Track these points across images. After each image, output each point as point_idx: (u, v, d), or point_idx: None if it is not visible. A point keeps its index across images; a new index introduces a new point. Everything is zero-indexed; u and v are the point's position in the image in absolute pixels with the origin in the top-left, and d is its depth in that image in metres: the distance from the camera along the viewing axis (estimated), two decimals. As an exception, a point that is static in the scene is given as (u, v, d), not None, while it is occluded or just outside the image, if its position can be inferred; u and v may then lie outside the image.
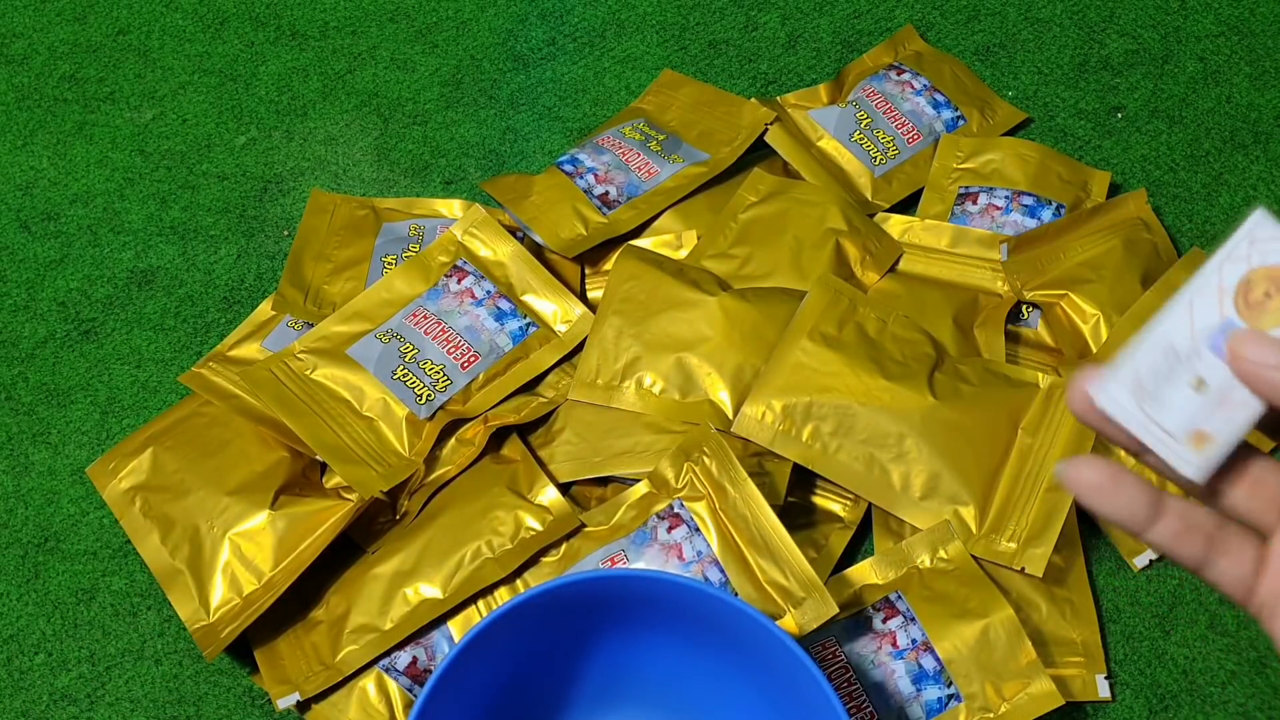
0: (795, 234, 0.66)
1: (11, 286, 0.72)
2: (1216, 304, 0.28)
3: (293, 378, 0.61)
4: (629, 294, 0.63)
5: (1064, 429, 0.57)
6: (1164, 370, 0.29)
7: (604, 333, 0.62)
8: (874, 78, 0.75)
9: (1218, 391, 0.28)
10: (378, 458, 0.59)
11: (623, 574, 0.47)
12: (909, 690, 0.53)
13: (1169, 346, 0.29)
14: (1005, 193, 0.69)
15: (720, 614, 0.47)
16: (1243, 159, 0.74)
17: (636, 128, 0.72)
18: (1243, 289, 0.28)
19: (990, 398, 0.58)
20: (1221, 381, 0.28)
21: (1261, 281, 0.28)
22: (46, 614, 0.61)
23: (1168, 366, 0.29)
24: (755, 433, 0.58)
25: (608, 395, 0.61)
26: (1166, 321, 0.29)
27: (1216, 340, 0.28)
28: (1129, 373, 0.29)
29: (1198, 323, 0.29)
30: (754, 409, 0.58)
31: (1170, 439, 0.29)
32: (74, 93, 0.80)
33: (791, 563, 0.53)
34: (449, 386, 0.61)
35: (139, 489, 0.60)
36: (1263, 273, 0.28)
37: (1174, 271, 0.64)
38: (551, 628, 0.49)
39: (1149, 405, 0.29)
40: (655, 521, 0.55)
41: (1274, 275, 0.28)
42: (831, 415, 0.58)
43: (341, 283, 0.67)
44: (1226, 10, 0.80)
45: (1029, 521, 0.55)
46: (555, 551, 0.57)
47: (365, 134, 0.77)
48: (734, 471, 0.54)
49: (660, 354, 0.61)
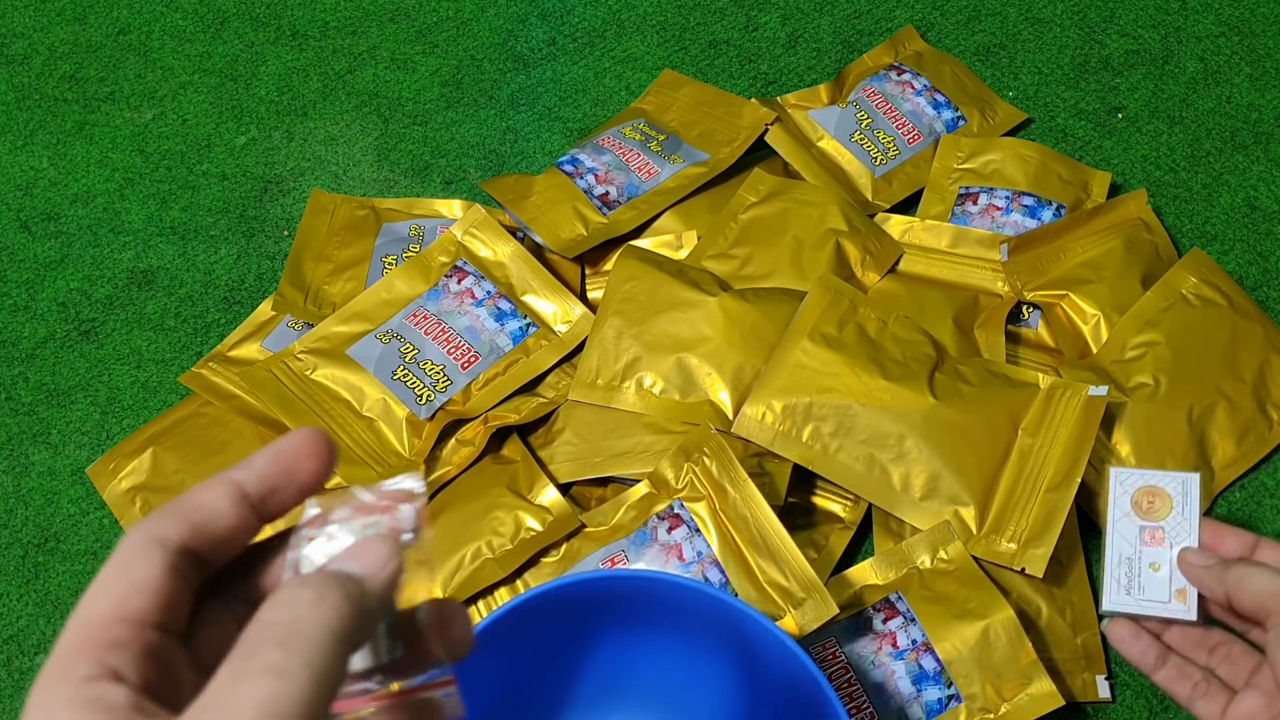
0: (795, 234, 0.66)
1: (11, 286, 0.72)
2: (1129, 522, 0.49)
3: (293, 378, 0.61)
4: (629, 294, 0.63)
5: (1064, 430, 0.57)
6: (1131, 572, 0.47)
7: (604, 333, 0.62)
8: (874, 78, 0.75)
9: (1169, 566, 0.47)
10: (378, 458, 0.59)
11: (623, 574, 0.47)
12: (909, 691, 0.53)
13: (1122, 558, 0.48)
14: (1006, 193, 0.69)
15: (720, 614, 0.47)
16: (1243, 159, 0.74)
17: (637, 128, 0.72)
18: (1136, 506, 0.49)
19: (990, 398, 0.58)
20: (1167, 559, 0.47)
21: (1142, 498, 0.49)
22: (46, 614, 0.61)
23: (1130, 569, 0.48)
24: (756, 433, 0.58)
25: (608, 396, 0.61)
26: (1111, 548, 0.48)
27: (1147, 539, 0.48)
28: (1114, 586, 0.48)
29: (1128, 537, 0.48)
30: (754, 409, 0.58)
31: (1165, 605, 0.47)
32: (74, 93, 0.80)
33: (792, 564, 0.53)
34: (449, 387, 0.61)
35: (139, 489, 0.60)
36: (1141, 492, 0.49)
37: (1175, 273, 0.64)
38: (552, 628, 0.49)
39: (1138, 595, 0.47)
40: (655, 522, 0.55)
41: (1147, 491, 0.49)
42: (832, 416, 0.58)
43: (342, 283, 0.67)
44: (1227, 10, 0.80)
45: (1029, 522, 0.55)
46: (555, 552, 0.57)
47: (365, 134, 0.77)
48: (734, 472, 0.54)
49: (660, 354, 0.61)
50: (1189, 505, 0.48)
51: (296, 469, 0.27)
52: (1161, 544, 0.47)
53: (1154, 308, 0.63)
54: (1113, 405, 0.59)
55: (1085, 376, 0.60)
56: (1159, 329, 0.62)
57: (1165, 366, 0.61)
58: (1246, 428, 0.61)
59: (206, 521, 0.25)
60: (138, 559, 0.24)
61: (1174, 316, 0.63)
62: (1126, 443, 0.59)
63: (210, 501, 0.26)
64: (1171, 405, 0.60)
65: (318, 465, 0.27)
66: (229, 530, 0.26)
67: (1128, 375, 0.61)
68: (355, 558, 0.25)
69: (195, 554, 0.25)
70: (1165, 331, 0.62)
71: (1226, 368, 0.61)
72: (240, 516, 0.26)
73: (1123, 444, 0.59)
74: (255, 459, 0.27)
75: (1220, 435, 0.60)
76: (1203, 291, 0.64)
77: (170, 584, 0.24)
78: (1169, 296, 0.63)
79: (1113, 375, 0.61)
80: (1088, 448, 0.56)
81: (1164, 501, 0.49)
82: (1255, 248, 0.70)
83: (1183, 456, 0.59)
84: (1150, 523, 0.48)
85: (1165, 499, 0.49)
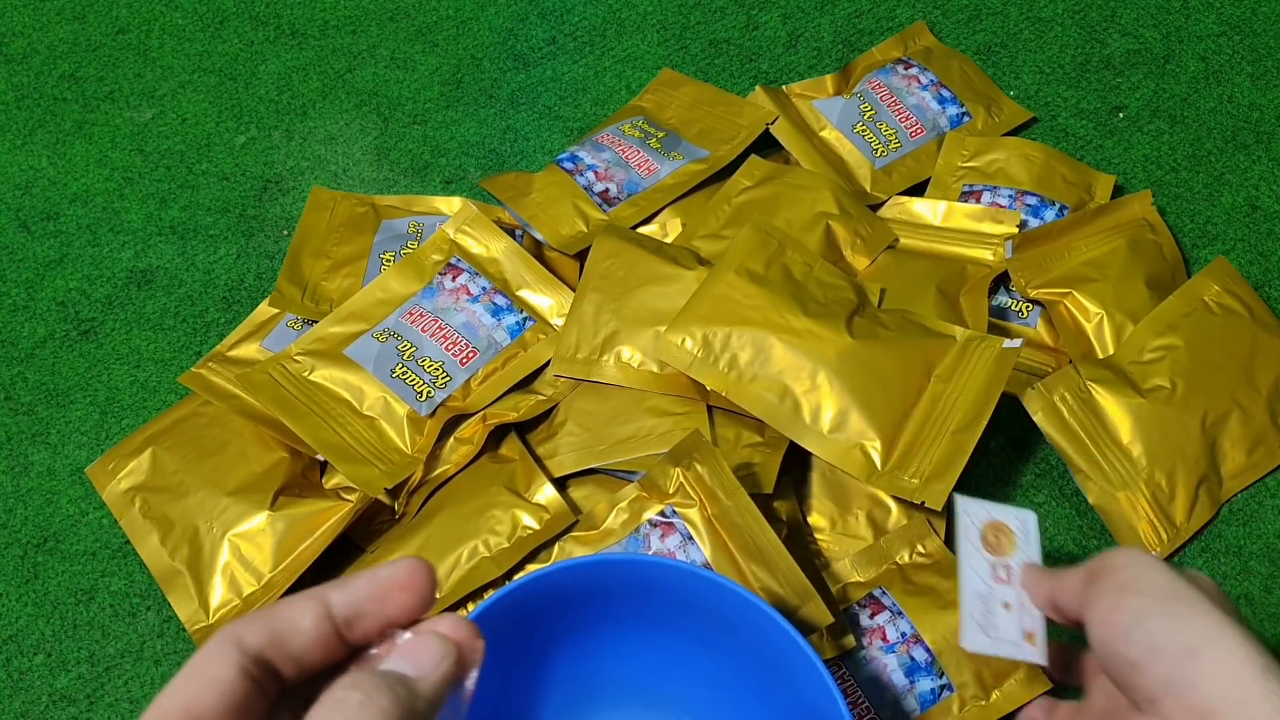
0: (786, 216, 0.66)
1: (11, 286, 0.72)
2: (980, 557, 0.46)
3: (291, 380, 0.61)
4: (608, 271, 0.63)
5: (976, 378, 0.57)
6: (984, 609, 0.44)
7: (583, 309, 0.62)
8: (881, 71, 0.75)
9: (1018, 605, 0.45)
10: (381, 456, 0.59)
11: (620, 559, 0.47)
12: (903, 683, 0.53)
13: (976, 594, 0.45)
14: (1009, 192, 0.69)
15: (717, 602, 0.46)
16: (1244, 159, 0.73)
17: (636, 125, 0.72)
18: (984, 542, 0.46)
19: (906, 343, 0.59)
20: (1015, 599, 0.45)
21: (989, 533, 0.46)
22: (46, 614, 0.60)
23: (984, 606, 0.45)
24: (675, 358, 0.58)
25: (588, 369, 0.61)
26: (965, 583, 0.45)
27: (997, 575, 0.45)
28: (970, 621, 0.44)
29: (980, 573, 0.45)
30: (675, 336, 0.59)
31: (1016, 646, 0.44)
32: (73, 92, 0.80)
33: (786, 571, 0.52)
34: (449, 383, 0.61)
35: (138, 489, 0.60)
36: (988, 527, 0.46)
37: (1199, 279, 0.64)
38: (543, 621, 0.48)
39: (994, 635, 0.44)
40: (648, 529, 0.55)
41: (992, 527, 0.46)
42: (749, 346, 0.58)
43: (339, 279, 0.67)
44: (1228, 10, 0.80)
45: (933, 460, 0.56)
46: (547, 554, 0.56)
47: (365, 133, 0.77)
48: (726, 480, 0.54)
49: (639, 328, 0.61)
50: (1029, 543, 0.46)
51: (388, 599, 0.27)
52: (1010, 582, 0.45)
53: (1175, 312, 0.63)
54: (1128, 406, 0.60)
55: (1102, 375, 0.60)
56: (1179, 334, 0.62)
57: (1183, 371, 0.61)
58: (1258, 439, 0.61)
59: (285, 633, 0.26)
60: (214, 659, 0.25)
61: (1195, 322, 0.63)
62: (1139, 444, 0.59)
63: (293, 614, 0.26)
64: (1186, 410, 0.60)
65: (410, 600, 0.27)
66: (306, 645, 0.26)
67: (1145, 377, 0.61)
68: (408, 656, 0.26)
69: (270, 662, 0.25)
70: (1185, 337, 0.62)
71: (1243, 377, 0.61)
72: (321, 635, 0.26)
73: (1135, 445, 0.59)
74: (354, 579, 0.27)
75: (1232, 444, 0.60)
76: (1225, 300, 0.64)
77: (241, 687, 0.24)
78: (1191, 302, 0.63)
79: (1130, 376, 0.61)
80: (997, 393, 0.56)
81: (1008, 537, 0.47)
82: (1256, 247, 0.70)
83: (1193, 461, 0.59)
84: (998, 559, 0.46)
85: (1009, 535, 0.47)
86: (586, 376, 0.61)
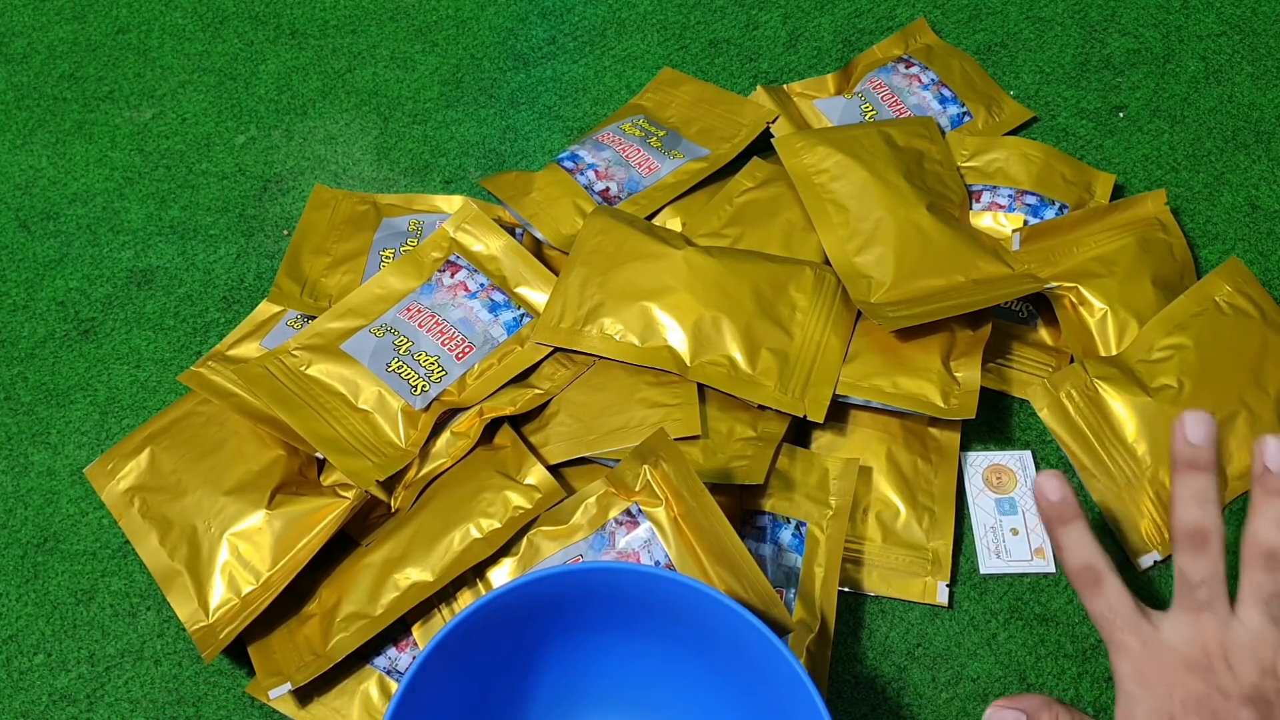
0: (788, 217, 0.66)
1: (11, 286, 0.72)
2: (985, 497, 0.58)
3: (288, 374, 0.61)
4: (597, 247, 0.64)
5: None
6: (996, 539, 0.58)
7: (569, 281, 0.63)
8: (882, 70, 0.75)
9: (1025, 529, 0.58)
10: (374, 449, 0.59)
11: (590, 567, 0.46)
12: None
13: (985, 527, 0.58)
14: (1009, 191, 0.69)
15: (689, 603, 0.46)
16: (1244, 158, 0.73)
17: (636, 124, 0.72)
18: (987, 483, 0.59)
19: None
20: (1021, 523, 0.58)
21: (991, 475, 0.59)
22: (46, 614, 0.60)
23: (995, 536, 0.58)
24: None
25: (571, 338, 0.62)
26: (976, 521, 0.58)
27: (1003, 509, 0.58)
28: (986, 553, 0.57)
29: (986, 507, 0.59)
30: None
31: (1028, 563, 0.57)
32: (73, 92, 0.80)
33: (750, 575, 0.52)
34: (444, 377, 0.61)
35: (137, 489, 0.59)
36: (989, 470, 0.59)
37: (1210, 280, 0.64)
38: (516, 630, 0.48)
39: (1006, 558, 0.57)
40: (613, 526, 0.55)
41: (995, 469, 0.59)
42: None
43: (339, 276, 0.67)
44: (1228, 9, 0.80)
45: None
46: (516, 548, 0.56)
47: (365, 133, 0.77)
48: (691, 482, 0.54)
49: (624, 302, 0.62)
50: (1028, 477, 0.59)
51: None
52: (1015, 513, 0.58)
53: (1185, 312, 0.63)
54: (1134, 405, 0.60)
55: (1109, 373, 0.60)
56: (1188, 333, 0.62)
57: (1191, 371, 0.60)
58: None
59: None
60: None
61: (1204, 322, 0.62)
62: (1144, 442, 0.59)
63: None
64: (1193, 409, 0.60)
65: None
66: None
67: (1153, 375, 0.61)
68: None
69: None
70: (1194, 336, 0.62)
71: (1252, 379, 0.61)
72: None
73: (1140, 443, 0.59)
74: None
75: (1238, 445, 0.60)
76: (1236, 301, 0.64)
77: None
78: (1201, 302, 0.63)
79: (1138, 374, 0.61)
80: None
81: (1009, 477, 0.59)
82: (1256, 247, 0.70)
83: None
84: (1002, 496, 0.58)
85: (1010, 475, 0.59)
86: (568, 345, 0.61)
